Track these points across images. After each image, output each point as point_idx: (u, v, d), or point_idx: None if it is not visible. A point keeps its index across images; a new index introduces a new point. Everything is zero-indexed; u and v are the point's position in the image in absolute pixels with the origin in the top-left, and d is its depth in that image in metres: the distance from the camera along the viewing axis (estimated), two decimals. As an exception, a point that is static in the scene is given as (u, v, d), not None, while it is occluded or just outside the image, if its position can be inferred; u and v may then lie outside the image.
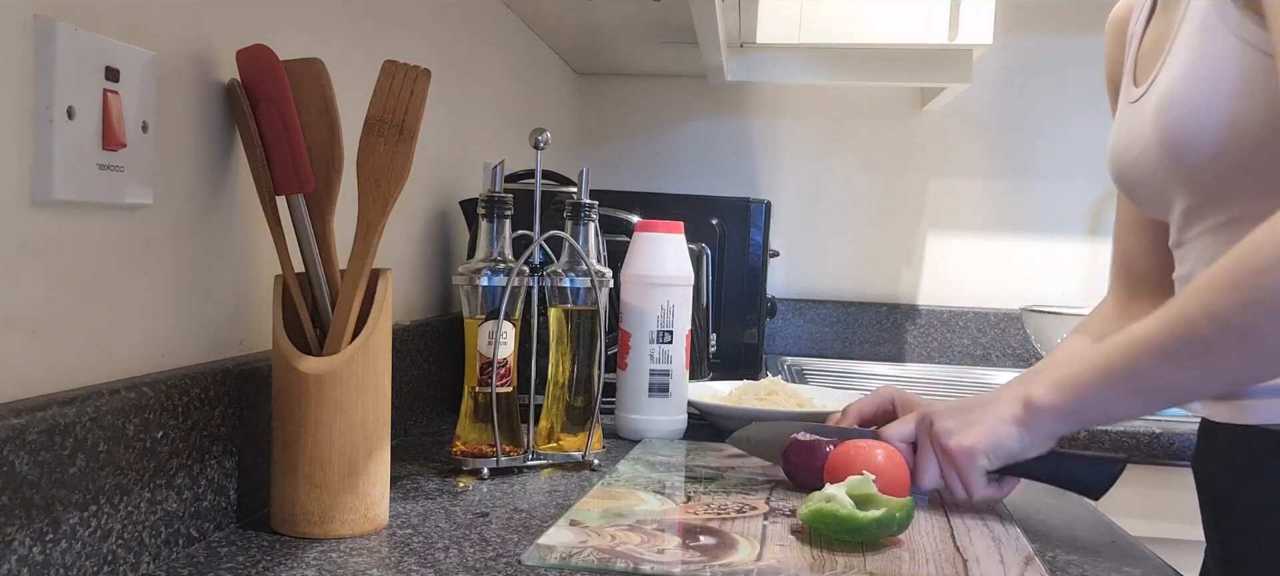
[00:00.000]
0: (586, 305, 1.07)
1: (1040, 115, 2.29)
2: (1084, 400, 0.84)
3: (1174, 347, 0.78)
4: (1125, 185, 1.00)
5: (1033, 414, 0.87)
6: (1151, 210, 0.98)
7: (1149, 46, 0.97)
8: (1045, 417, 0.86)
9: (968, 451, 0.88)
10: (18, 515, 0.57)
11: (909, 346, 2.34)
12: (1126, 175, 0.98)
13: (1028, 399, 0.87)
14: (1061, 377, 0.86)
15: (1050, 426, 0.87)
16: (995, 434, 0.87)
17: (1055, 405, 0.85)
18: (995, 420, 0.88)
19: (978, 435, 0.88)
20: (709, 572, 0.73)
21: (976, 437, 0.88)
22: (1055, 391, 0.86)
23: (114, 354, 0.69)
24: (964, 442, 0.88)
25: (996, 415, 0.88)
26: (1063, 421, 0.86)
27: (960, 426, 0.89)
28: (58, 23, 0.61)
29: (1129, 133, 0.96)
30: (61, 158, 0.62)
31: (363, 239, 0.80)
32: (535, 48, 1.93)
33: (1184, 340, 0.77)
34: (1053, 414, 0.86)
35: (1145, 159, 0.92)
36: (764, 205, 1.84)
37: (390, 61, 0.80)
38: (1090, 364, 0.84)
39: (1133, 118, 0.95)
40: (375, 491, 0.81)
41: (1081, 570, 0.81)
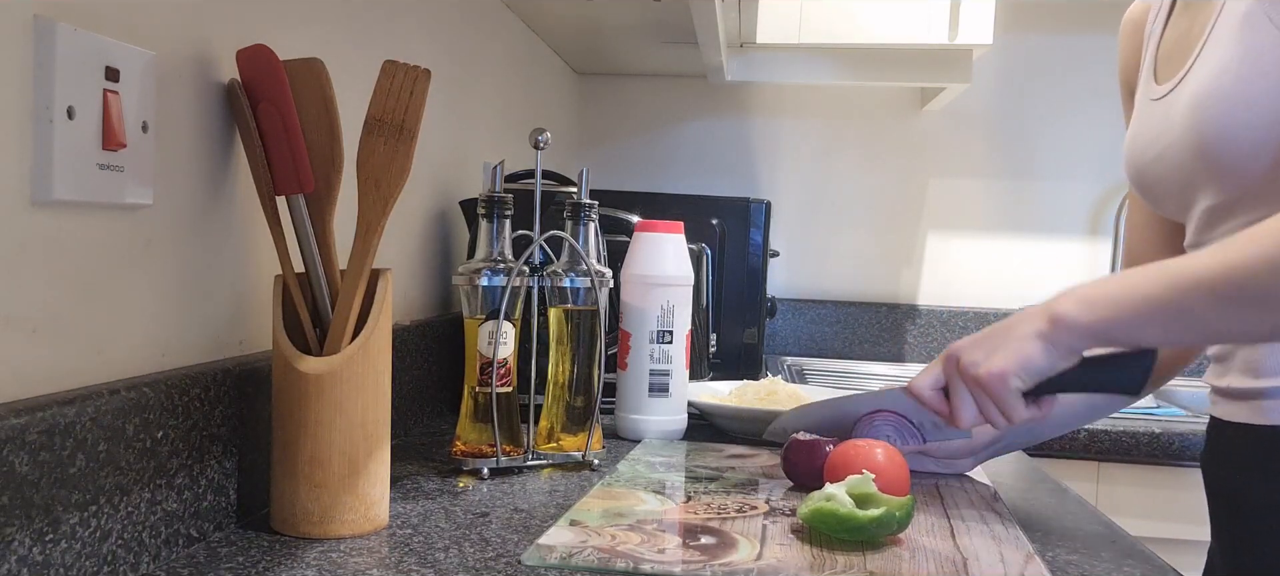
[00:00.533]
0: (586, 305, 1.07)
1: (1040, 115, 2.29)
2: (1116, 321, 0.82)
3: (1226, 291, 0.76)
4: (1143, 184, 0.99)
5: (1058, 328, 0.84)
6: (1169, 210, 0.97)
7: (1171, 44, 0.96)
8: (1072, 333, 0.84)
9: (998, 376, 0.86)
10: (18, 515, 0.57)
11: (909, 346, 2.34)
12: (1146, 174, 0.97)
13: (1053, 314, 0.84)
14: (1093, 294, 0.83)
15: (1076, 342, 0.84)
16: (1022, 353, 0.85)
17: (1084, 321, 0.83)
18: (1020, 340, 0.86)
19: (1005, 358, 0.86)
20: (709, 572, 0.73)
21: (1004, 361, 0.86)
22: (1085, 307, 0.83)
23: (114, 354, 0.69)
24: (993, 368, 0.86)
25: (1020, 334, 0.86)
26: (1089, 338, 0.83)
27: (986, 354, 0.87)
28: (58, 23, 0.61)
29: (1151, 130, 0.95)
30: (61, 158, 0.62)
31: (363, 239, 0.80)
32: (535, 48, 1.93)
33: (1239, 286, 0.75)
34: (1080, 330, 0.83)
35: (1170, 156, 0.91)
36: (764, 205, 1.83)
37: (390, 61, 0.80)
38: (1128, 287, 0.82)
39: (1155, 115, 0.94)
40: (375, 491, 0.81)
41: (1081, 570, 0.81)
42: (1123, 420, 1.73)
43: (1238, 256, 0.75)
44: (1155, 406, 1.83)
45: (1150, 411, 1.80)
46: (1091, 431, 1.69)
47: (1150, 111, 0.96)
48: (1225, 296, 0.76)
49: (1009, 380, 0.85)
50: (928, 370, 0.93)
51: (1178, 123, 0.89)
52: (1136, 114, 1.00)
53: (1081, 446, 1.70)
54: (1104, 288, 0.83)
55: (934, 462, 1.08)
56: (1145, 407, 1.81)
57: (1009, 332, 0.87)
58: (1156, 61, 0.98)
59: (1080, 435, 1.70)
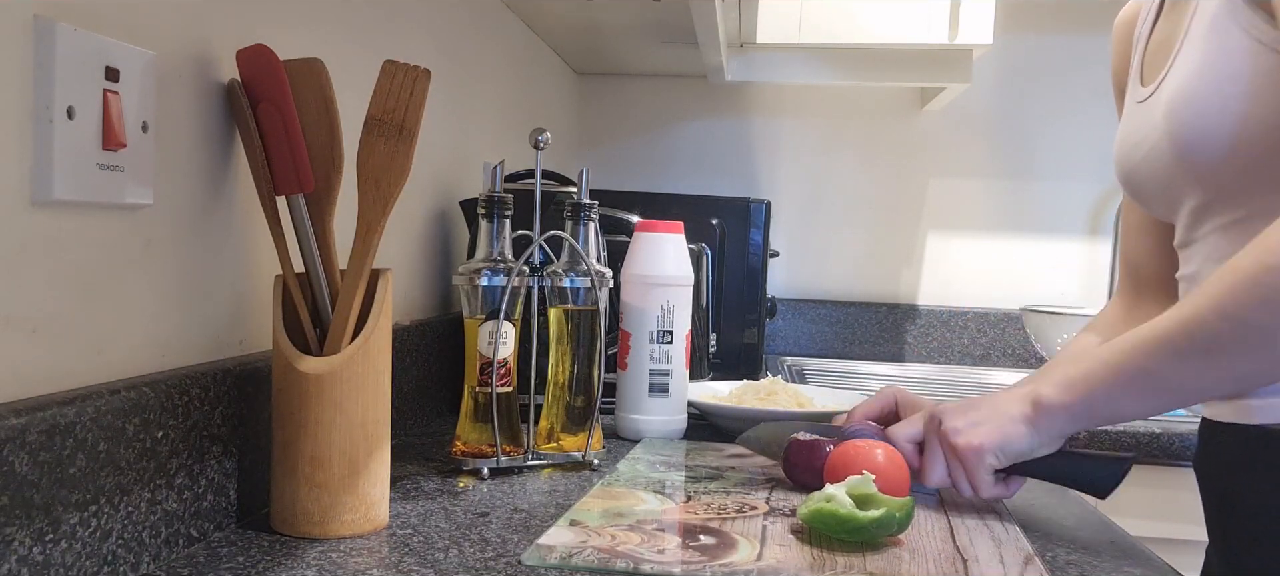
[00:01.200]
0: (586, 305, 1.07)
1: (1040, 115, 2.29)
2: (1093, 399, 0.84)
3: (1185, 346, 0.78)
4: (1132, 185, 1.00)
5: (1041, 413, 0.87)
6: (1158, 210, 0.98)
7: (1156, 47, 0.97)
8: (1054, 417, 0.86)
9: (976, 450, 0.88)
10: (18, 515, 0.57)
11: (909, 346, 2.34)
12: (1134, 175, 0.98)
13: (1036, 398, 0.87)
14: (1070, 376, 0.86)
15: (1059, 425, 0.87)
16: (1003, 433, 0.87)
17: (1064, 404, 0.85)
18: (1004, 419, 0.88)
19: (986, 433, 0.88)
20: (709, 572, 0.73)
21: (985, 436, 0.88)
22: (1064, 390, 0.86)
23: (114, 354, 0.69)
24: (972, 441, 0.88)
25: (1005, 414, 0.88)
26: (1071, 420, 0.86)
27: (969, 425, 0.89)
28: (58, 23, 0.61)
29: (1137, 132, 0.96)
30: (61, 158, 0.62)
31: (363, 239, 0.80)
32: (535, 48, 1.93)
33: (1196, 339, 0.77)
34: (1061, 413, 0.86)
35: (1154, 158, 0.92)
36: (764, 205, 1.83)
37: (390, 61, 0.80)
38: (1100, 362, 0.84)
39: (1140, 117, 0.95)
40: (375, 491, 0.81)
41: (1081, 570, 0.81)
42: (1123, 420, 1.73)
43: (1190, 309, 0.77)
44: (1155, 406, 1.83)
45: (1150, 411, 1.80)
46: (1091, 431, 1.69)
47: (1136, 114, 0.97)
48: (1182, 351, 0.78)
49: (985, 456, 0.88)
50: (909, 422, 0.96)
51: (1157, 125, 0.90)
52: (1124, 116, 1.01)
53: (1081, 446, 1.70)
54: (1076, 367, 0.86)
55: None
56: (1145, 408, 1.80)
57: (994, 409, 0.89)
58: (1143, 64, 0.99)
59: (1080, 435, 1.70)
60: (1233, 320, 0.74)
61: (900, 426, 0.96)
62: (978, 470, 0.88)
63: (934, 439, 0.92)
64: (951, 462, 0.90)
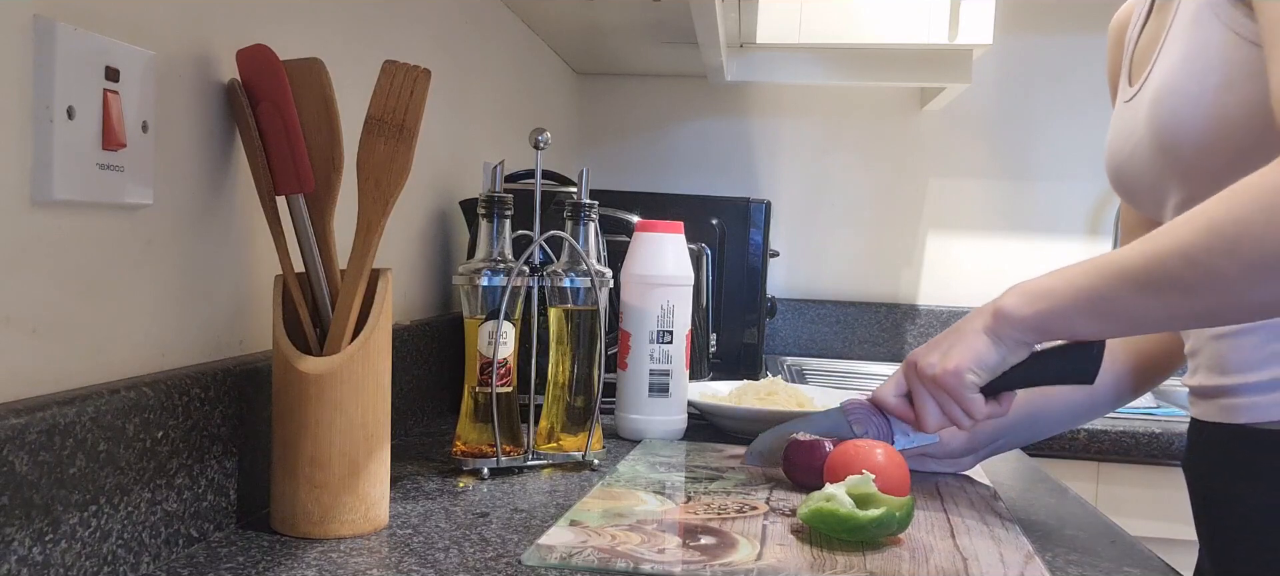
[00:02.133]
0: (586, 305, 1.07)
1: (1040, 115, 2.29)
2: (1052, 312, 0.85)
3: (1145, 279, 0.79)
4: (1120, 183, 1.01)
5: (1001, 321, 0.88)
6: (1146, 208, 0.99)
7: (1143, 46, 0.98)
8: (1014, 326, 0.87)
9: (954, 373, 0.89)
10: (18, 515, 0.57)
11: (909, 346, 2.34)
12: (1121, 173, 0.99)
13: (998, 308, 0.89)
14: (1033, 288, 0.87)
15: (1019, 333, 0.88)
16: (973, 349, 0.89)
17: (1023, 315, 0.87)
18: (969, 336, 0.90)
19: (957, 356, 0.90)
20: (709, 572, 0.73)
21: (958, 358, 0.89)
22: (1024, 300, 0.87)
23: (114, 354, 0.69)
24: (948, 366, 0.90)
25: (969, 331, 0.90)
26: (1030, 331, 0.87)
27: (941, 355, 0.91)
28: (58, 23, 0.61)
29: (1124, 131, 0.97)
30: (61, 158, 0.62)
31: (363, 239, 0.80)
32: (535, 48, 1.93)
33: (1156, 274, 0.78)
34: (1020, 323, 0.87)
35: (1138, 155, 0.93)
36: (764, 205, 1.83)
37: (390, 61, 0.80)
38: (1064, 280, 0.85)
39: (1127, 116, 0.96)
40: (375, 491, 0.81)
41: (1081, 570, 0.81)
42: (1123, 420, 1.73)
43: (1153, 245, 0.78)
44: (1155, 406, 1.83)
45: (1150, 411, 1.80)
46: (1091, 431, 1.70)
47: (1123, 113, 0.98)
48: (1143, 284, 0.79)
49: (964, 376, 0.89)
50: (890, 380, 0.97)
51: (1141, 121, 0.91)
52: (1114, 116, 1.02)
53: (1081, 446, 1.70)
54: (1043, 282, 0.87)
55: (935, 462, 1.08)
56: (1145, 407, 1.81)
57: (959, 332, 0.91)
58: (1131, 63, 1.00)
59: (1080, 435, 1.70)
60: (1191, 262, 0.75)
61: (883, 387, 0.97)
62: (963, 393, 0.90)
63: (916, 382, 0.93)
64: (939, 396, 0.92)
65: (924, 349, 0.93)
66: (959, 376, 0.89)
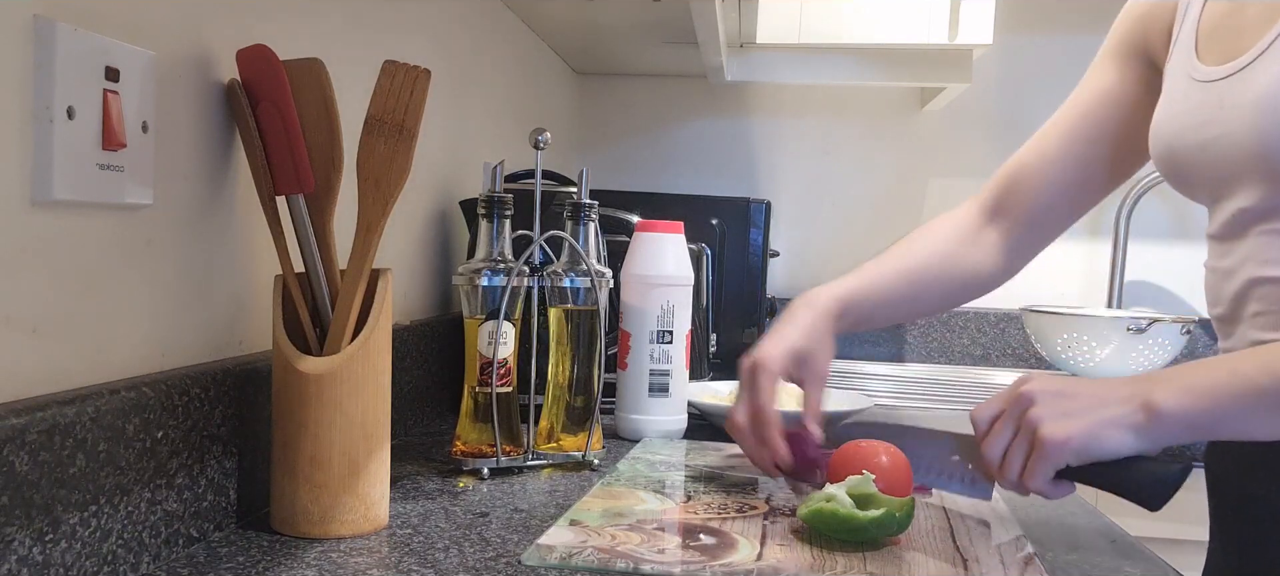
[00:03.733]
0: (586, 305, 1.07)
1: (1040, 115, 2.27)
2: (1221, 411, 0.75)
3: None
4: (1176, 166, 0.92)
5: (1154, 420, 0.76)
6: (1197, 195, 0.92)
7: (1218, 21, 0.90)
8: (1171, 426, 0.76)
9: (1059, 445, 0.78)
10: (18, 515, 0.57)
11: (909, 346, 2.34)
12: (1182, 157, 0.91)
13: (1150, 401, 0.77)
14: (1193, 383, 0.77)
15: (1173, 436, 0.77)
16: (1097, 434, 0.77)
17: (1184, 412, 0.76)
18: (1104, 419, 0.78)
19: (1077, 428, 0.78)
20: (709, 572, 0.73)
21: (1074, 431, 0.78)
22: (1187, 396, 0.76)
23: (114, 354, 0.69)
24: (1056, 434, 0.78)
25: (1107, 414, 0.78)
26: (1190, 431, 0.77)
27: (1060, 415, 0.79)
28: (58, 23, 0.61)
29: (1198, 115, 0.89)
30: (61, 158, 0.62)
31: (363, 239, 0.80)
32: (535, 48, 1.93)
33: None
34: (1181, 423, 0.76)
35: (1221, 148, 0.86)
36: (764, 205, 1.83)
37: (390, 61, 0.80)
38: (1232, 373, 0.76)
39: (1204, 99, 0.88)
40: (375, 491, 0.81)
41: (1081, 570, 0.81)
42: (1123, 420, 1.72)
43: None
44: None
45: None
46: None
47: (1195, 93, 0.90)
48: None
49: (1067, 453, 0.78)
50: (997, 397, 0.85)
51: (1235, 117, 0.84)
52: (1173, 92, 0.93)
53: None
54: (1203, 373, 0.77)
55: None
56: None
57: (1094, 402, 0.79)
58: (1198, 38, 0.91)
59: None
60: None
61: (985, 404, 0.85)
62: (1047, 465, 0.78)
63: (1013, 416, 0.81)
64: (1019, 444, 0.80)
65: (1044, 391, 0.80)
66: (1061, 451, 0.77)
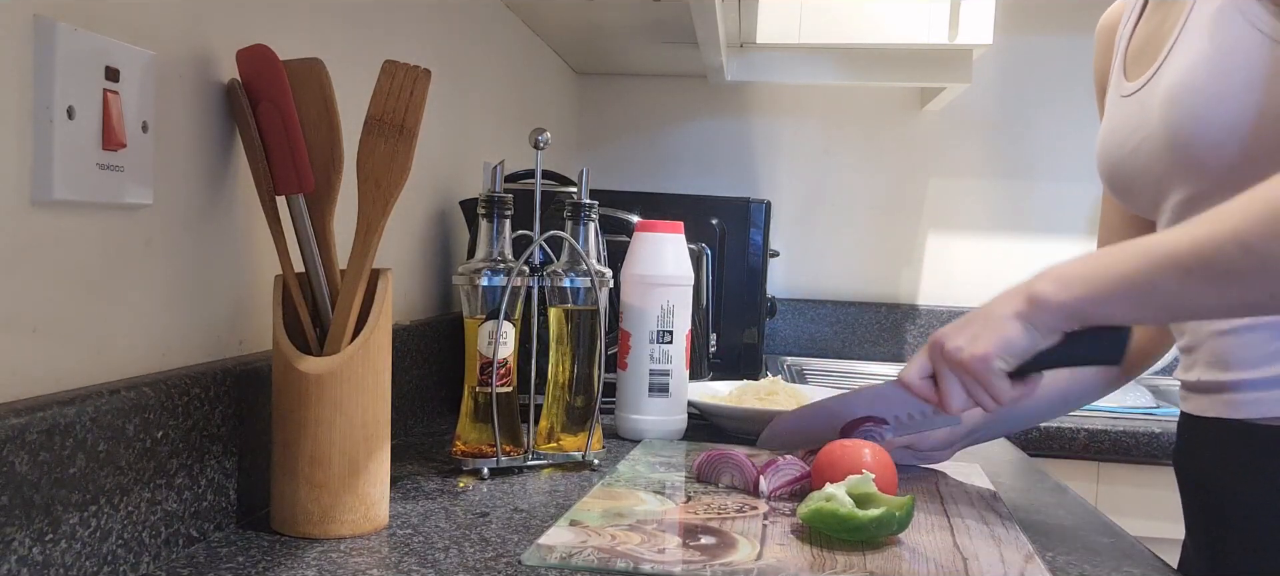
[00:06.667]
0: (586, 305, 1.07)
1: (1040, 115, 2.29)
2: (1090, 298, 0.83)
3: (1195, 266, 0.76)
4: (1117, 178, 1.00)
5: (1036, 308, 0.85)
6: (1141, 205, 0.98)
7: (1142, 41, 0.98)
8: (1049, 312, 0.85)
9: (981, 358, 0.87)
10: (18, 515, 0.57)
11: (909, 346, 2.34)
12: (1120, 168, 0.98)
13: (1031, 294, 0.86)
14: (1068, 273, 0.85)
15: (1053, 321, 0.85)
16: (1002, 334, 0.87)
17: (1060, 300, 0.84)
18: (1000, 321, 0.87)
19: (987, 341, 0.87)
20: (709, 572, 0.73)
21: (986, 344, 0.87)
22: (1061, 286, 0.84)
23: (114, 354, 0.69)
24: (976, 351, 0.87)
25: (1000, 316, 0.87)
26: (1065, 317, 0.85)
27: (969, 339, 0.88)
28: (58, 23, 0.61)
29: (1125, 125, 0.96)
30: (61, 158, 0.62)
31: (363, 239, 0.80)
32: (535, 48, 1.93)
33: (1207, 261, 0.76)
34: (1056, 310, 0.85)
35: (1145, 149, 0.92)
36: (764, 205, 1.83)
37: (390, 61, 0.80)
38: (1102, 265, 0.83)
39: (1129, 110, 0.95)
40: (375, 491, 0.81)
41: (1081, 570, 0.81)
42: (1123, 419, 1.73)
43: (1204, 232, 0.76)
44: (1155, 406, 1.83)
45: (1150, 411, 1.80)
46: (1091, 431, 1.69)
47: (1121, 108, 0.97)
48: (1192, 271, 0.77)
49: (992, 362, 0.87)
50: (914, 360, 0.94)
51: (1151, 117, 0.90)
52: (1108, 111, 1.01)
53: (1081, 446, 1.70)
54: (1079, 267, 0.85)
55: (913, 455, 1.09)
56: (1145, 407, 1.81)
57: (989, 316, 0.88)
58: (1126, 60, 0.99)
59: (1080, 435, 1.70)
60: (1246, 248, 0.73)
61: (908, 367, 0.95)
62: (990, 378, 0.87)
63: (941, 364, 0.91)
64: (965, 380, 0.90)
65: (951, 330, 0.91)
66: (986, 362, 0.87)
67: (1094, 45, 1.11)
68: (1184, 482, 1.00)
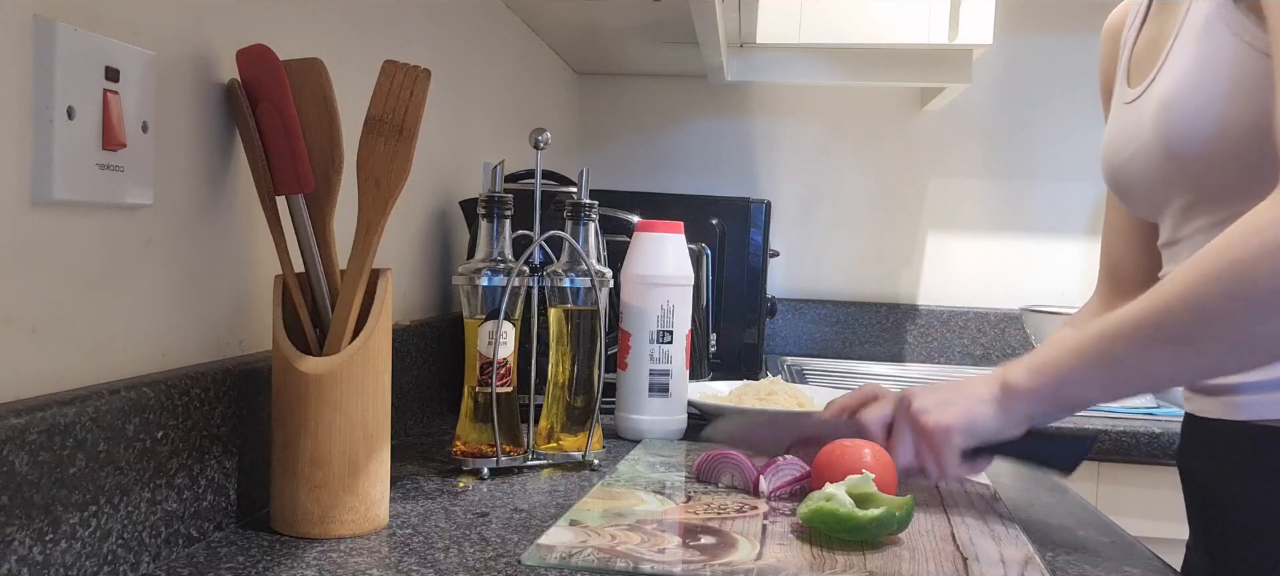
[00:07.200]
0: (586, 305, 1.07)
1: (1040, 115, 2.29)
2: (1060, 384, 0.85)
3: (1153, 335, 0.78)
4: (1119, 185, 1.01)
5: (1009, 396, 0.88)
6: (1143, 210, 0.99)
7: (1144, 48, 0.98)
8: (1021, 401, 0.87)
9: (944, 429, 0.89)
10: (18, 515, 0.57)
11: (909, 346, 2.34)
12: (1121, 175, 0.99)
13: (1005, 381, 0.89)
14: (1039, 362, 0.87)
15: (1026, 409, 0.88)
16: (971, 414, 0.89)
17: (1031, 388, 0.86)
18: (972, 400, 0.90)
19: (954, 414, 0.89)
20: (709, 572, 0.73)
21: (952, 417, 0.89)
22: (1032, 375, 0.87)
23: (114, 354, 0.69)
24: (941, 420, 0.89)
25: (973, 395, 0.90)
26: (1038, 404, 0.87)
27: (937, 406, 0.91)
28: (58, 23, 0.61)
29: (1125, 132, 0.97)
30: (61, 158, 0.62)
31: (363, 239, 0.80)
32: (535, 48, 1.93)
33: (1162, 328, 0.77)
34: (1029, 397, 0.87)
35: (1142, 157, 0.93)
36: (764, 205, 1.83)
37: (390, 61, 0.80)
38: (1067, 349, 0.85)
39: (1129, 118, 0.96)
40: (375, 491, 0.81)
41: (1081, 570, 0.81)
42: (1123, 420, 1.73)
43: (1157, 299, 0.78)
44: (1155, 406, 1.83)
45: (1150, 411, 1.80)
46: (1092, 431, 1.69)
47: (1123, 115, 0.98)
48: (1150, 340, 0.78)
49: (952, 436, 0.89)
50: (880, 404, 0.97)
51: (1147, 125, 0.91)
52: (1112, 117, 1.03)
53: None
54: (1047, 353, 0.87)
55: None
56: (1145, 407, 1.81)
57: (963, 391, 0.91)
58: (1129, 66, 1.00)
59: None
60: (1200, 311, 0.75)
61: (871, 409, 0.97)
62: (944, 449, 0.90)
63: (903, 419, 0.93)
64: (919, 443, 0.92)
65: (922, 392, 0.93)
66: (947, 434, 0.89)
67: (1100, 48, 1.11)
68: (1187, 483, 1.00)
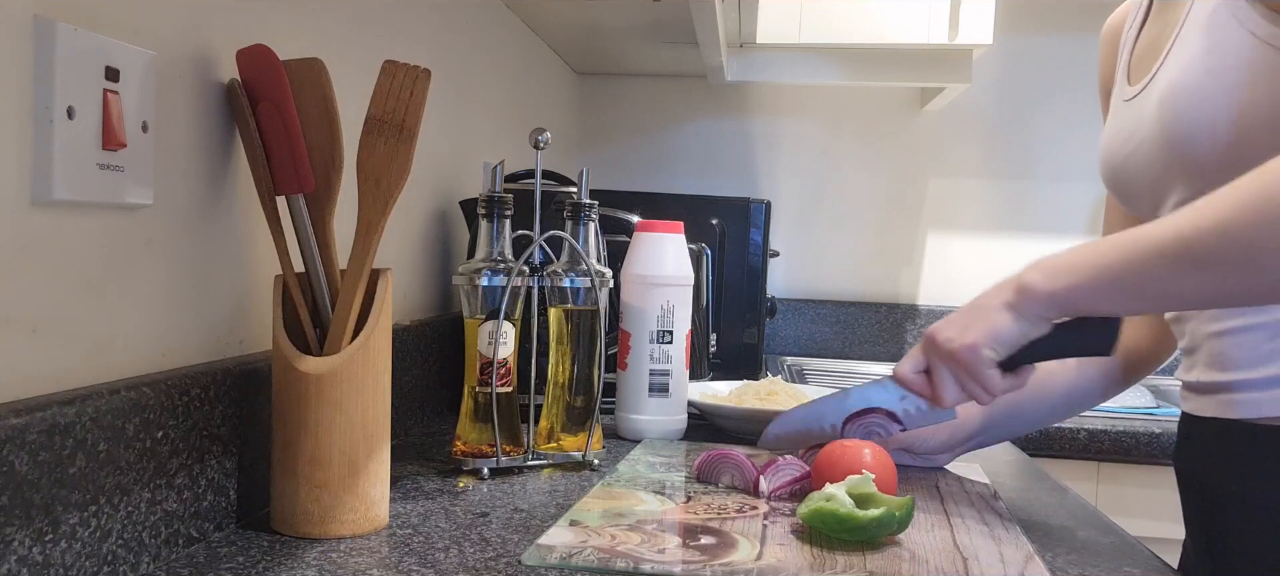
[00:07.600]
0: (586, 305, 1.07)
1: (1040, 115, 2.29)
2: (1078, 288, 0.84)
3: (1179, 255, 0.77)
4: (1118, 182, 1.00)
5: (1024, 297, 0.87)
6: (1142, 208, 0.99)
7: (1145, 46, 0.98)
8: (1037, 302, 0.86)
9: (970, 348, 0.88)
10: (18, 515, 0.57)
11: (909, 346, 2.34)
12: (1120, 172, 0.99)
13: (1020, 284, 0.87)
14: (1057, 264, 0.86)
15: (1042, 309, 0.87)
16: (991, 325, 0.88)
17: (1048, 289, 0.85)
18: (989, 312, 0.89)
19: (976, 332, 0.88)
20: (709, 572, 0.73)
21: (976, 334, 0.88)
22: (1048, 276, 0.86)
23: (114, 354, 0.69)
24: (966, 341, 0.88)
25: (989, 307, 0.89)
26: (1053, 306, 0.86)
27: (960, 330, 0.90)
28: (58, 23, 0.61)
29: (1125, 129, 0.97)
30: (61, 158, 0.62)
31: (363, 239, 0.80)
32: (535, 48, 1.93)
33: (1193, 250, 0.76)
34: (1045, 298, 0.86)
35: (1142, 152, 0.93)
36: (764, 205, 1.83)
37: (390, 61, 0.80)
38: (1090, 256, 0.84)
39: (1129, 114, 0.96)
40: (375, 491, 0.81)
41: (1081, 570, 0.81)
42: (1123, 420, 1.73)
43: (1190, 222, 0.77)
44: (1155, 406, 1.83)
45: (1150, 411, 1.80)
46: (1091, 431, 1.69)
47: (1123, 111, 0.98)
48: (1176, 259, 0.77)
49: (980, 351, 0.88)
50: (909, 356, 0.96)
51: (1147, 120, 0.91)
52: (1110, 115, 1.02)
53: (1081, 446, 1.70)
54: (1068, 257, 0.85)
55: (911, 457, 1.09)
56: (1145, 407, 1.81)
57: (979, 307, 0.89)
58: (1130, 64, 1.00)
59: (1080, 435, 1.70)
60: (1233, 239, 0.74)
61: (903, 362, 0.96)
62: (979, 369, 0.88)
63: (933, 356, 0.92)
64: (957, 373, 0.91)
65: (943, 324, 0.92)
66: (975, 352, 0.88)
67: (1099, 49, 1.11)
68: (1184, 482, 1.00)
